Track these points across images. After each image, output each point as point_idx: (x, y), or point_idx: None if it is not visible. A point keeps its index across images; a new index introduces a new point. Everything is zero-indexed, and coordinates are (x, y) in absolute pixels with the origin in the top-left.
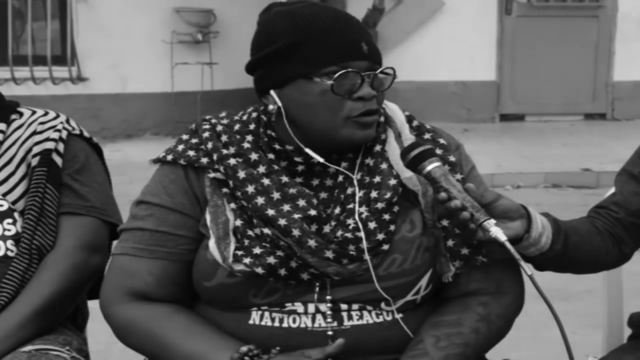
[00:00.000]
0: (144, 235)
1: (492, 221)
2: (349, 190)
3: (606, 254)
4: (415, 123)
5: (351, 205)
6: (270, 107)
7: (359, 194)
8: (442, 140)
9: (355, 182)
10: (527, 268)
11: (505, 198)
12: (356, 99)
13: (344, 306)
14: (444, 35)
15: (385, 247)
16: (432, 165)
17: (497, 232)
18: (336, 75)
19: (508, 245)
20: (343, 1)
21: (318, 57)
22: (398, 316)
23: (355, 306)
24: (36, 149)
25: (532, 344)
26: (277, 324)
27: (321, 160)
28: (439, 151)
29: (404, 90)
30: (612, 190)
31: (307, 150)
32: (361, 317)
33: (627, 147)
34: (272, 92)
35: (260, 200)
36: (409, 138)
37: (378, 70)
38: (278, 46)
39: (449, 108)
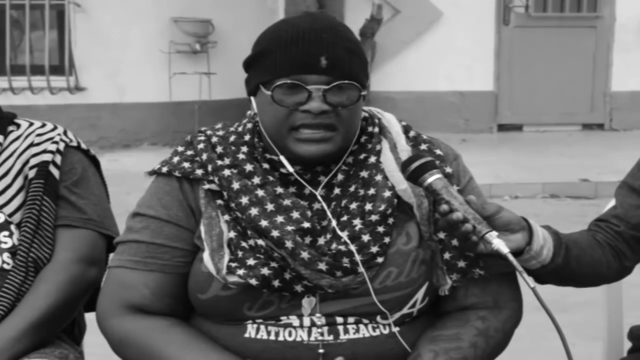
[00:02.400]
0: (140, 247)
1: (494, 233)
2: (343, 202)
3: (607, 267)
4: (412, 133)
5: (345, 218)
6: (248, 112)
7: (352, 206)
8: (438, 152)
9: (319, 197)
10: (530, 280)
11: (506, 210)
12: (303, 111)
13: (339, 319)
14: (442, 46)
15: (380, 259)
16: (433, 178)
17: (499, 244)
18: (273, 85)
19: (511, 257)
20: (341, 12)
21: (274, 68)
22: (395, 329)
23: (351, 319)
24: (33, 161)
25: (531, 355)
26: (272, 337)
27: (291, 169)
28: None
29: (402, 100)
30: (612, 203)
31: (281, 157)
32: (357, 330)
33: (625, 158)
34: (251, 98)
35: (254, 211)
36: (404, 149)
37: (331, 85)
38: (252, 53)
39: (446, 118)
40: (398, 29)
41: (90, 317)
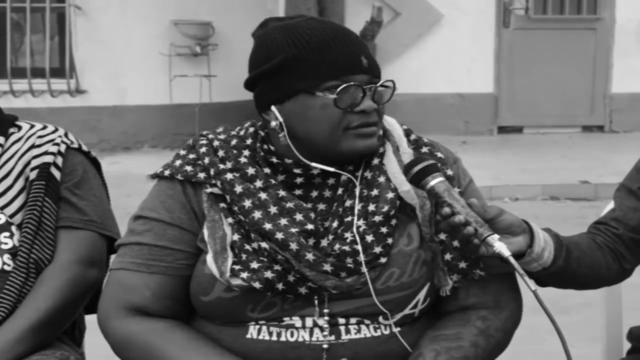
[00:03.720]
0: (142, 249)
1: (496, 236)
2: (348, 203)
3: (607, 270)
4: (412, 137)
5: (349, 218)
6: (273, 123)
7: (357, 207)
8: (439, 154)
9: (357, 194)
10: (531, 283)
11: (508, 213)
12: (357, 112)
13: (341, 320)
14: (442, 48)
15: (383, 260)
16: (435, 181)
17: (500, 247)
18: (338, 89)
19: (512, 260)
20: (341, 14)
21: (319, 72)
22: (396, 330)
23: (353, 320)
24: (34, 163)
25: (531, 357)
26: (274, 338)
27: (332, 169)
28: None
29: (403, 103)
30: (611, 205)
31: (314, 164)
32: (359, 330)
33: (625, 160)
34: (273, 107)
35: (257, 214)
36: (407, 151)
37: (379, 84)
38: (277, 62)
39: (447, 120)
40: (398, 31)
41: (92, 319)
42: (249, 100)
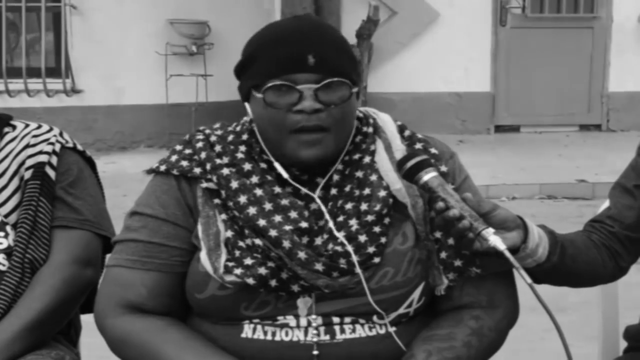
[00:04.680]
0: (138, 246)
1: (491, 230)
2: (339, 202)
3: (603, 267)
4: (407, 133)
5: (341, 218)
6: (244, 118)
7: (348, 207)
8: (433, 150)
9: (318, 200)
10: (527, 277)
11: (502, 208)
12: (296, 112)
13: (336, 319)
14: (439, 47)
15: (377, 260)
16: (428, 176)
17: (496, 241)
18: (264, 87)
19: (507, 253)
20: (338, 13)
21: (263, 71)
22: (391, 329)
23: (347, 319)
24: (29, 162)
25: (528, 356)
26: (269, 337)
27: (285, 175)
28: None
29: (399, 102)
30: (607, 203)
31: (276, 164)
32: (353, 330)
33: (622, 159)
34: (245, 103)
35: (252, 210)
36: (399, 148)
37: (321, 83)
38: (240, 60)
39: (443, 119)
40: (395, 30)
41: (88, 319)
42: None
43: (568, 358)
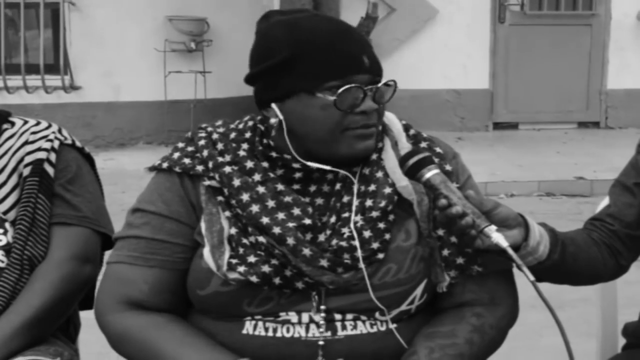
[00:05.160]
0: (140, 243)
1: (493, 227)
2: (345, 199)
3: (603, 265)
4: (412, 132)
5: (346, 214)
6: (272, 120)
7: (355, 203)
8: (438, 149)
9: (355, 191)
10: (529, 274)
11: (503, 206)
12: (357, 113)
13: (337, 316)
14: (438, 44)
15: (380, 256)
16: (431, 173)
17: (498, 238)
18: (339, 90)
19: (510, 251)
20: (336, 10)
21: (320, 72)
22: (392, 326)
23: (349, 316)
24: (28, 159)
25: (527, 353)
26: (270, 333)
27: (327, 168)
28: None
29: (398, 99)
30: (607, 201)
31: (309, 163)
32: (355, 327)
33: (620, 156)
34: (273, 105)
35: (255, 208)
36: (405, 146)
37: (380, 84)
38: (279, 59)
39: (442, 116)
40: (393, 27)
41: (86, 316)
42: (244, 96)
43: (569, 355)
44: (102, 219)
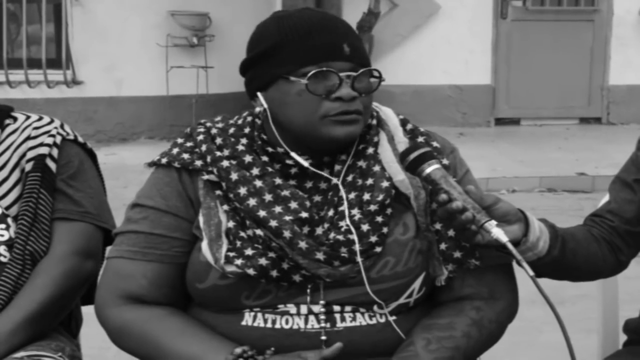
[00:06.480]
0: (139, 238)
1: (493, 222)
2: (341, 193)
3: (603, 261)
4: (409, 126)
5: (342, 208)
6: (257, 109)
7: (350, 196)
8: (435, 144)
9: (340, 187)
10: (529, 269)
11: (503, 201)
12: (334, 99)
13: (336, 308)
14: (440, 39)
15: (378, 249)
16: (431, 168)
17: (498, 233)
18: (309, 74)
19: (510, 246)
20: (339, 5)
21: (296, 58)
22: (391, 319)
23: (348, 308)
24: (30, 154)
25: (526, 349)
26: (269, 325)
27: (306, 164)
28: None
29: (400, 94)
30: (607, 197)
31: (293, 154)
32: (354, 319)
33: (622, 152)
34: (258, 94)
35: (252, 201)
36: (402, 141)
37: (359, 72)
38: (262, 48)
39: (444, 112)
40: (395, 22)
41: (88, 310)
42: (245, 91)
43: (569, 351)
44: (104, 215)
